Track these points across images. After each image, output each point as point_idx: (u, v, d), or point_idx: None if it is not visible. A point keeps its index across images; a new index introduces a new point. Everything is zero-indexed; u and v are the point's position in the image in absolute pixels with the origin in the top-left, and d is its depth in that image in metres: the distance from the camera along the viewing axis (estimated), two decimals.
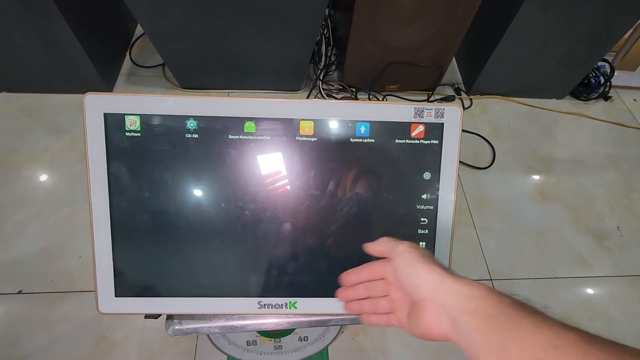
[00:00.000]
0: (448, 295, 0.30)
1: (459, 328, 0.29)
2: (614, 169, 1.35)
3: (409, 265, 0.34)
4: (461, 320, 0.29)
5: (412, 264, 0.33)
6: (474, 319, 0.28)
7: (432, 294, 0.31)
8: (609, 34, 1.27)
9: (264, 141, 0.44)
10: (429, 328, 0.32)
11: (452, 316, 0.30)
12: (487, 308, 0.28)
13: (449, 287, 0.31)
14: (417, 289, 0.33)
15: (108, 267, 0.45)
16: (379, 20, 1.18)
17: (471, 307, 0.29)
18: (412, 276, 0.33)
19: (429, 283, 0.32)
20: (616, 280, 1.09)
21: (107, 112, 0.42)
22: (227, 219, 0.45)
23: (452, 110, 0.45)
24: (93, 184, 0.43)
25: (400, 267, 0.34)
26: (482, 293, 0.29)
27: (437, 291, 0.31)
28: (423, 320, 0.32)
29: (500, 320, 0.27)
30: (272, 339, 0.74)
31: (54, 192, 1.10)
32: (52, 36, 1.12)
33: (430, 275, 0.32)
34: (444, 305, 0.30)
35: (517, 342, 0.26)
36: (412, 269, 0.33)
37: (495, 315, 0.28)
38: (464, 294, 0.30)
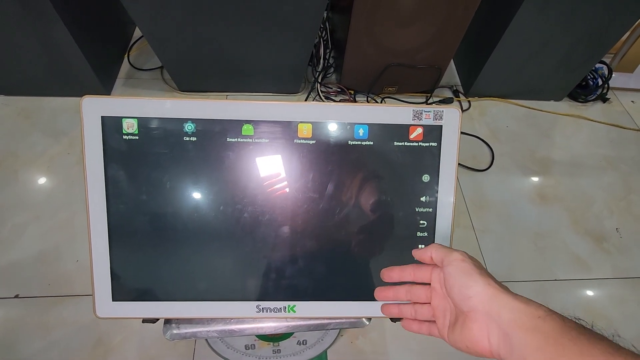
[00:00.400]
0: (504, 309, 0.29)
1: (512, 345, 0.28)
2: (612, 171, 1.35)
3: (464, 274, 0.33)
4: (516, 337, 0.28)
5: (468, 272, 0.32)
6: (533, 337, 0.27)
7: (485, 306, 0.30)
8: (606, 36, 1.28)
9: (262, 144, 0.43)
10: (476, 341, 0.31)
11: (506, 332, 0.29)
12: (549, 328, 0.27)
13: (506, 302, 0.30)
14: (469, 299, 0.31)
15: (105, 271, 0.44)
16: (377, 23, 1.18)
17: (530, 325, 0.28)
18: (466, 285, 0.32)
19: (483, 294, 0.31)
20: (616, 283, 1.09)
21: (104, 115, 0.42)
22: (226, 222, 0.45)
23: (451, 112, 0.44)
24: (90, 187, 0.43)
25: (454, 274, 0.33)
26: (543, 313, 0.28)
27: (492, 304, 0.30)
28: (470, 333, 0.31)
29: (563, 342, 0.26)
30: (270, 343, 0.73)
31: (51, 195, 1.10)
32: (51, 39, 1.12)
33: (485, 286, 0.31)
34: (498, 319, 0.29)
35: None
36: (466, 278, 0.32)
37: (557, 337, 0.26)
38: (523, 311, 0.29)
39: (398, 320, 0.49)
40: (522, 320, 0.28)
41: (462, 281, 0.32)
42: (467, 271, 0.33)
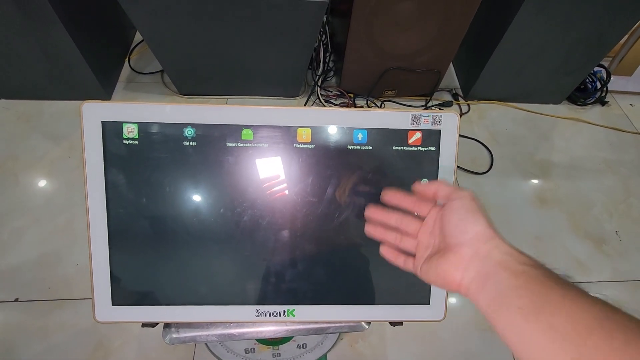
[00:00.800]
0: (495, 250, 0.30)
1: (489, 284, 0.29)
2: (612, 174, 1.35)
3: (469, 210, 0.33)
4: (500, 276, 0.29)
5: (474, 210, 0.33)
6: (518, 278, 0.28)
7: (478, 243, 0.31)
8: (604, 40, 1.28)
9: (261, 148, 0.44)
10: (448, 273, 0.32)
11: (489, 271, 0.29)
12: (536, 273, 0.28)
13: (500, 245, 0.31)
14: (464, 234, 0.32)
15: (105, 275, 0.44)
16: (376, 27, 1.18)
17: (518, 269, 0.28)
18: (467, 220, 0.33)
19: (481, 233, 0.32)
20: (615, 286, 1.09)
21: (104, 120, 0.42)
22: (225, 227, 0.45)
23: (449, 117, 0.45)
24: (90, 192, 0.43)
25: (459, 208, 0.33)
26: (533, 261, 0.29)
27: (486, 244, 0.31)
28: (446, 264, 0.32)
29: (549, 284, 0.27)
30: (270, 347, 0.73)
31: (51, 199, 1.10)
32: (51, 43, 1.12)
33: (486, 227, 0.32)
34: (485, 258, 0.30)
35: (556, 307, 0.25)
36: (470, 214, 0.33)
37: (543, 280, 0.27)
38: (514, 256, 0.30)
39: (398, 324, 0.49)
40: (511, 262, 0.29)
41: (465, 216, 0.33)
42: (473, 209, 0.33)
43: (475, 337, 0.96)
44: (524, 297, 0.27)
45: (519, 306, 0.27)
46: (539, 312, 0.26)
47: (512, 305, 0.27)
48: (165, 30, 1.11)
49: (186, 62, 1.25)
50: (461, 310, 1.00)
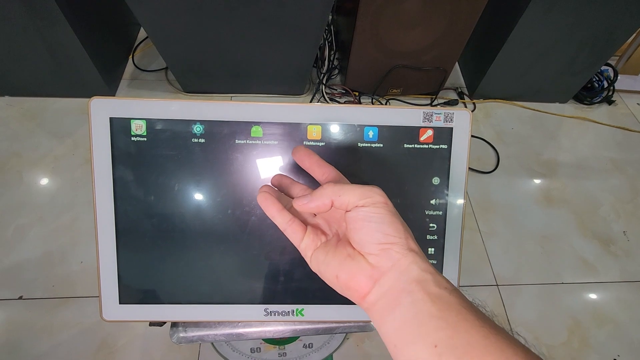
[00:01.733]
0: (414, 266, 0.26)
1: (401, 305, 0.25)
2: (619, 174, 1.34)
3: (384, 221, 0.28)
4: (416, 297, 0.25)
5: (390, 220, 0.28)
6: (433, 304, 0.24)
7: (397, 254, 0.27)
8: (612, 39, 1.27)
9: (271, 146, 0.43)
10: (353, 279, 0.27)
11: (403, 288, 0.25)
12: (453, 300, 0.24)
13: (419, 262, 0.26)
14: (380, 245, 0.27)
15: (112, 273, 0.44)
16: (382, 25, 1.17)
17: (436, 292, 0.25)
18: (384, 232, 0.27)
19: (400, 246, 0.27)
20: (623, 286, 1.08)
21: (113, 116, 0.41)
22: (234, 225, 0.44)
23: (462, 114, 0.44)
24: (98, 189, 0.42)
25: (372, 218, 0.28)
26: (450, 286, 0.26)
27: (406, 258, 0.26)
28: (353, 267, 0.27)
29: (464, 314, 0.24)
30: (276, 346, 0.73)
31: (56, 197, 1.10)
32: (56, 40, 1.12)
33: (405, 239, 0.27)
34: (402, 273, 0.26)
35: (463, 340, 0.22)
36: (386, 225, 0.27)
37: (459, 308, 0.24)
38: (432, 277, 0.26)
39: None
40: (428, 284, 0.25)
41: (381, 227, 0.27)
42: (388, 217, 0.28)
43: None
44: (442, 331, 0.23)
45: (435, 342, 0.23)
46: (459, 355, 0.22)
47: (427, 339, 0.23)
48: (170, 28, 1.10)
49: (191, 59, 1.24)
50: None
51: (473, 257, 1.08)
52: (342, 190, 0.29)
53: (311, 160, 0.35)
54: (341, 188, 0.29)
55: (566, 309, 1.03)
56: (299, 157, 0.36)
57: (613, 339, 0.99)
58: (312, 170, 0.36)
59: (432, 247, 0.46)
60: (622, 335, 0.99)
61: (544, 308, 1.02)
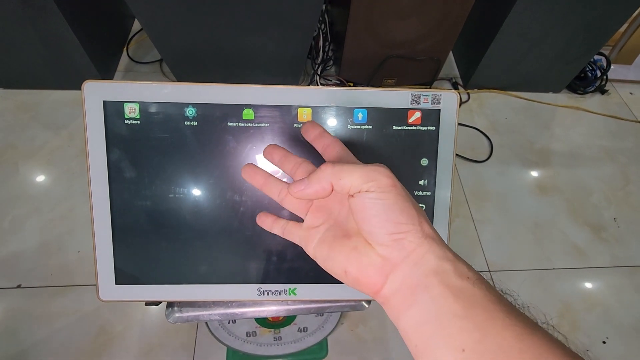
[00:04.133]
0: (431, 256, 0.23)
1: (419, 301, 0.22)
2: (610, 162, 1.35)
3: (397, 206, 0.24)
4: (435, 293, 0.22)
5: (402, 204, 0.24)
6: (456, 300, 0.21)
7: (409, 243, 0.23)
8: (604, 28, 1.28)
9: (262, 128, 0.44)
10: (363, 274, 0.25)
11: (422, 282, 0.22)
12: (476, 293, 0.22)
13: (435, 249, 0.23)
14: (393, 235, 0.24)
15: (108, 254, 0.45)
16: (376, 15, 1.18)
17: (457, 285, 0.22)
18: (396, 221, 0.24)
19: (414, 234, 0.24)
20: (613, 271, 1.10)
21: (106, 99, 0.42)
22: (227, 206, 0.45)
23: (449, 96, 0.45)
24: (93, 172, 0.43)
25: (382, 205, 0.24)
26: (473, 275, 0.23)
27: (420, 247, 0.23)
28: (362, 261, 0.25)
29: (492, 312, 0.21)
30: (271, 330, 0.74)
31: (52, 188, 1.10)
32: (50, 32, 1.12)
33: (420, 224, 0.24)
34: (417, 264, 0.23)
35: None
36: (398, 212, 0.24)
37: (485, 305, 0.21)
38: (451, 266, 0.23)
39: None
40: (448, 275, 0.22)
41: (392, 216, 0.24)
42: (399, 202, 0.24)
43: None
44: (468, 333, 0.20)
45: (462, 346, 0.20)
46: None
47: (453, 343, 0.21)
48: (164, 19, 1.10)
49: (185, 50, 1.24)
50: None
51: (466, 244, 1.10)
52: (342, 171, 0.25)
53: (315, 132, 0.32)
54: (341, 169, 0.25)
55: (557, 293, 1.05)
56: (304, 129, 0.34)
57: (602, 322, 1.01)
58: (315, 143, 0.33)
59: None
60: (611, 319, 1.02)
61: (536, 293, 1.04)
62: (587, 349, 0.97)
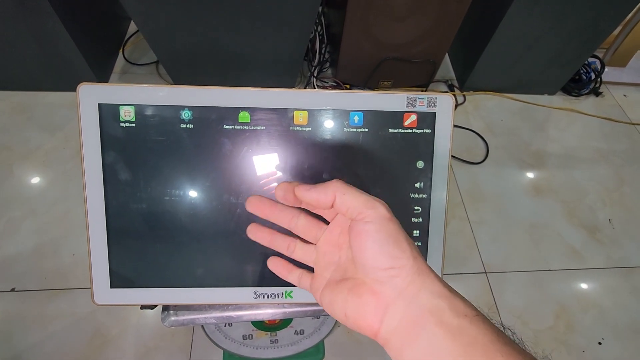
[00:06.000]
0: (424, 292, 0.23)
1: (417, 341, 0.22)
2: (605, 163, 1.36)
3: (389, 235, 0.25)
4: (432, 333, 0.22)
5: (395, 237, 0.25)
6: (454, 342, 0.21)
7: (403, 280, 0.24)
8: (598, 30, 1.29)
9: (258, 131, 0.44)
10: (360, 317, 0.25)
11: (415, 321, 0.23)
12: (475, 333, 0.22)
13: (429, 284, 0.24)
14: (384, 268, 0.24)
15: (103, 257, 0.45)
16: (372, 17, 1.18)
17: (454, 324, 0.22)
18: (387, 249, 0.24)
19: (408, 269, 0.24)
20: (608, 272, 1.11)
21: (101, 102, 0.42)
22: (223, 209, 0.45)
23: (444, 99, 0.45)
24: (88, 175, 0.43)
25: (373, 232, 0.25)
26: (470, 311, 0.23)
27: (413, 280, 0.24)
28: (358, 305, 0.25)
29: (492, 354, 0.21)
30: (268, 333, 0.74)
31: (47, 190, 1.10)
32: (46, 34, 1.11)
33: (413, 259, 0.24)
34: (411, 301, 0.23)
35: None
36: (392, 245, 0.24)
37: (485, 345, 0.21)
38: (447, 303, 0.23)
39: None
40: (444, 314, 0.22)
41: (384, 243, 0.24)
42: (394, 235, 0.25)
43: None
44: None
45: None
46: None
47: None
48: (160, 21, 1.10)
49: (181, 52, 1.24)
50: None
51: (462, 245, 1.10)
52: (348, 190, 0.27)
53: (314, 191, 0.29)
54: (348, 189, 0.27)
55: (553, 294, 1.05)
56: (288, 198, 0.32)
57: (598, 323, 1.01)
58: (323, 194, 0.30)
59: (417, 230, 0.48)
60: (606, 320, 1.02)
61: (531, 294, 1.05)
62: (583, 350, 0.97)
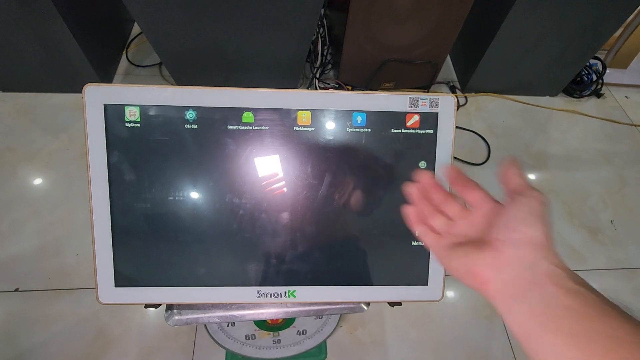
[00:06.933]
0: (544, 261, 0.26)
1: (531, 295, 0.24)
2: (607, 165, 1.36)
3: (532, 212, 0.28)
4: (549, 291, 0.24)
5: (537, 213, 0.28)
6: (575, 298, 0.23)
7: (526, 247, 0.27)
8: (599, 31, 1.29)
9: (262, 131, 0.44)
10: (476, 266, 0.28)
11: (532, 280, 0.25)
12: (591, 296, 0.23)
13: (551, 257, 0.26)
14: (514, 232, 0.28)
15: (108, 257, 0.45)
16: (374, 19, 1.19)
17: (571, 287, 0.24)
18: (524, 221, 0.28)
19: (534, 238, 0.27)
20: (610, 273, 1.11)
21: (107, 102, 0.42)
22: (227, 209, 0.45)
23: (446, 99, 0.45)
24: (93, 174, 0.43)
25: (521, 206, 0.29)
26: (585, 282, 0.25)
27: (536, 250, 0.26)
28: (476, 257, 0.28)
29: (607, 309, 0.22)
30: (270, 333, 0.74)
31: (50, 191, 1.10)
32: (50, 35, 1.12)
33: (543, 234, 0.27)
34: (531, 264, 0.26)
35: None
36: (532, 216, 0.28)
37: (601, 303, 0.23)
38: (564, 272, 0.25)
39: (397, 304, 0.50)
40: (562, 278, 0.24)
41: (525, 216, 0.28)
42: (537, 212, 0.28)
43: (473, 324, 0.97)
44: (581, 323, 0.22)
45: (574, 333, 0.21)
46: (604, 347, 0.20)
47: (565, 330, 0.22)
48: (163, 23, 1.11)
49: (184, 54, 1.25)
50: (460, 297, 1.01)
51: None
52: (517, 173, 0.33)
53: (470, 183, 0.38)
54: (517, 172, 0.33)
55: None
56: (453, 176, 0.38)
57: None
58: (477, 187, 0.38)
59: None
60: None
61: None
62: None
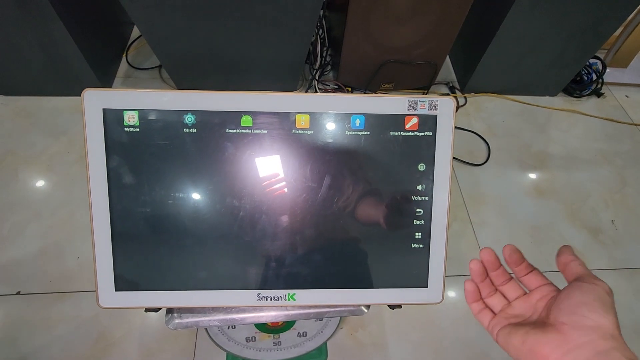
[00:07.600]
0: (617, 352, 0.27)
1: None
2: (607, 164, 1.36)
3: (600, 300, 0.29)
4: None
5: (605, 301, 0.29)
6: None
7: (597, 336, 0.27)
8: (599, 31, 1.29)
9: (261, 135, 0.44)
10: (540, 347, 0.29)
11: None
12: None
13: (623, 349, 0.27)
14: (583, 319, 0.28)
15: (108, 261, 0.45)
16: (373, 20, 1.19)
17: None
18: (593, 308, 0.29)
19: (605, 327, 0.28)
20: (611, 274, 1.11)
21: (106, 107, 0.42)
22: (226, 213, 0.45)
23: (445, 102, 0.45)
24: (93, 179, 0.43)
25: (587, 292, 0.30)
26: None
27: (607, 340, 0.27)
28: (541, 338, 0.29)
29: None
30: (271, 335, 0.74)
31: (51, 194, 1.11)
32: (50, 39, 1.12)
33: (613, 325, 0.28)
34: (603, 353, 0.27)
35: None
36: (600, 304, 0.29)
37: None
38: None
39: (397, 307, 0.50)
40: None
41: (593, 303, 0.29)
42: (605, 301, 0.29)
43: (473, 326, 0.97)
44: None
45: None
46: None
47: None
48: (163, 25, 1.11)
49: (184, 57, 1.25)
50: (460, 299, 1.01)
51: (464, 247, 1.10)
52: (577, 262, 0.34)
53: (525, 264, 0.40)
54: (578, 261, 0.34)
55: None
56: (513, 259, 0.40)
57: None
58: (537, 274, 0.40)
59: (419, 232, 0.48)
60: None
61: None
62: None
